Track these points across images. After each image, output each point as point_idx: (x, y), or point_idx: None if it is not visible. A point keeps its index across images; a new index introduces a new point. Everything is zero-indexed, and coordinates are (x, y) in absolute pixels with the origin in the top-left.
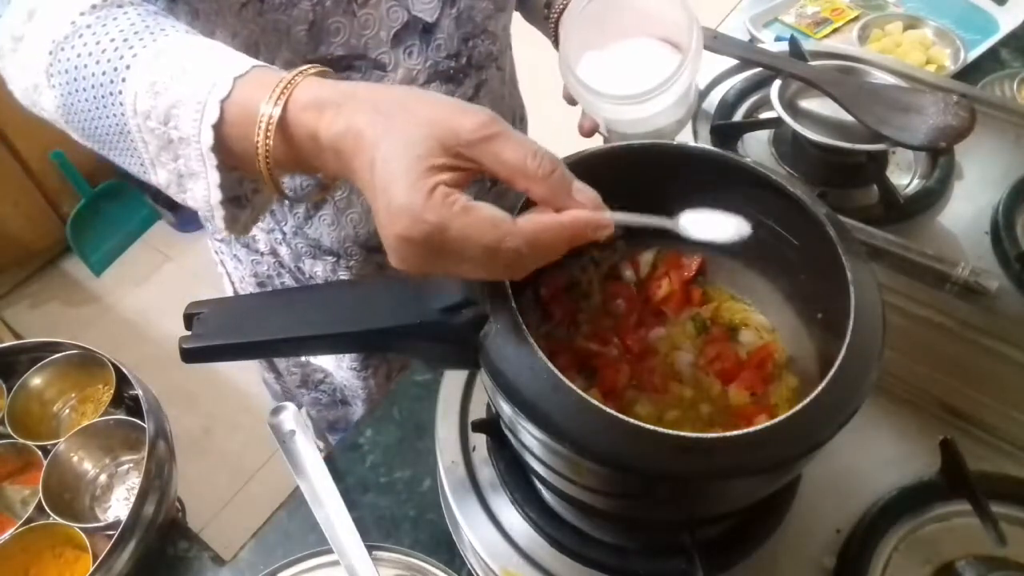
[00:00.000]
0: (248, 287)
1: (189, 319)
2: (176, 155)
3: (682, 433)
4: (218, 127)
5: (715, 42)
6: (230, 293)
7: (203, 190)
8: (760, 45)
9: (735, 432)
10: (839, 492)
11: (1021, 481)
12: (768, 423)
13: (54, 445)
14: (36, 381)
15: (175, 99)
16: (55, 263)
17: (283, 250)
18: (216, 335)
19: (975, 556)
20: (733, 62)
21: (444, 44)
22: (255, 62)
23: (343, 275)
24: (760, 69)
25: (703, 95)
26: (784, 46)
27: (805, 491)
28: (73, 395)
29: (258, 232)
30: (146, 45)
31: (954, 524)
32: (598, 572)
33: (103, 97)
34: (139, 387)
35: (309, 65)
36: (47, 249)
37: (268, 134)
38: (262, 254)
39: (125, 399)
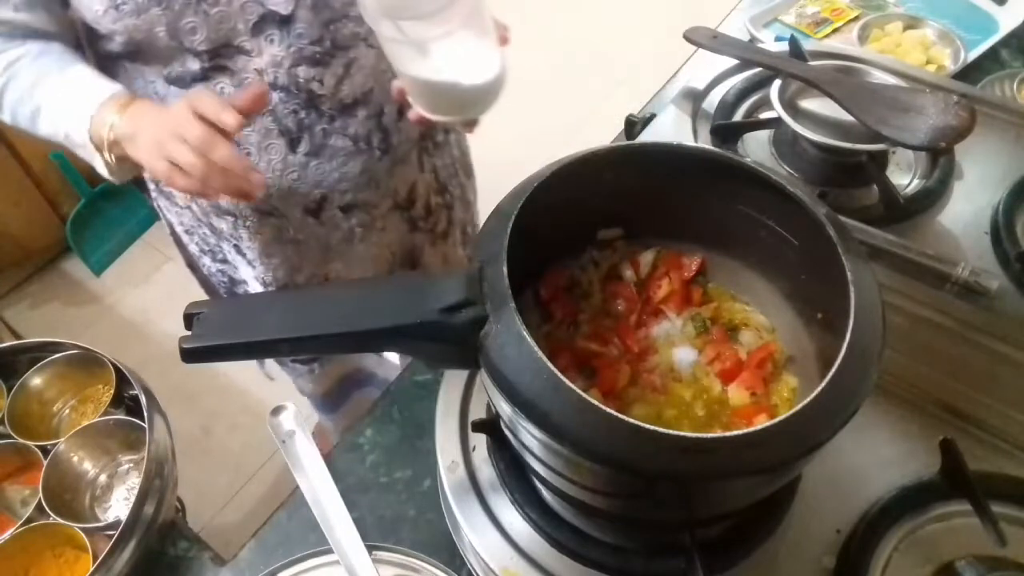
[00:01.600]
0: (181, 232)
1: (189, 319)
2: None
3: (682, 433)
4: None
5: (715, 42)
6: (171, 239)
7: (98, 163)
8: (760, 45)
9: (735, 432)
10: (839, 492)
11: (1021, 481)
12: (768, 423)
13: (54, 445)
14: (36, 381)
15: (66, 131)
16: (55, 263)
17: (194, 206)
18: (216, 335)
19: (975, 556)
20: (733, 62)
21: (305, 32)
22: (99, 100)
23: (243, 233)
24: (760, 69)
25: (703, 95)
26: (784, 46)
27: (805, 491)
28: (73, 395)
29: (176, 191)
30: (39, 99)
31: (954, 524)
32: (598, 572)
33: (30, 93)
34: (139, 387)
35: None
36: (47, 249)
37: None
38: (181, 207)
39: (125, 399)
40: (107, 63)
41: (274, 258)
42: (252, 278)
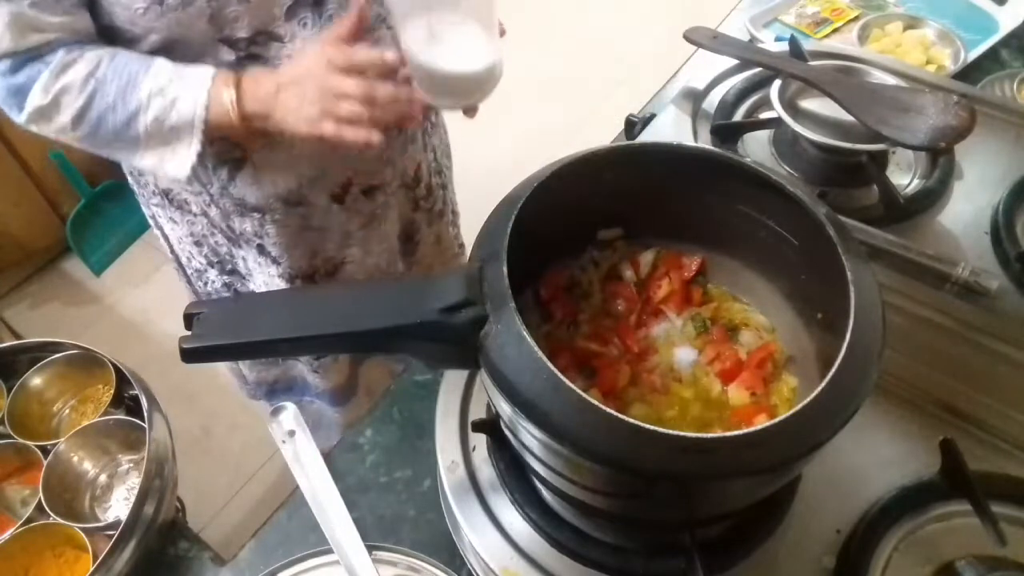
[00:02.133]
0: (187, 246)
1: (189, 319)
2: (168, 137)
3: (682, 433)
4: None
5: (715, 42)
6: (168, 255)
7: (185, 150)
8: (760, 45)
9: (735, 432)
10: (839, 492)
11: (1021, 481)
12: (768, 423)
13: (54, 445)
14: (36, 381)
15: (175, 95)
16: (55, 263)
17: (212, 211)
18: (216, 335)
19: (975, 556)
20: (733, 62)
21: (335, 13)
22: (205, 81)
23: (270, 229)
24: (760, 69)
25: (703, 95)
26: (784, 46)
27: (805, 491)
28: (73, 395)
29: (189, 196)
30: (138, 99)
31: (954, 524)
32: (598, 572)
33: (124, 96)
34: (139, 387)
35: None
36: (47, 249)
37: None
38: (195, 215)
39: (125, 399)
40: None
41: (297, 249)
42: (274, 276)
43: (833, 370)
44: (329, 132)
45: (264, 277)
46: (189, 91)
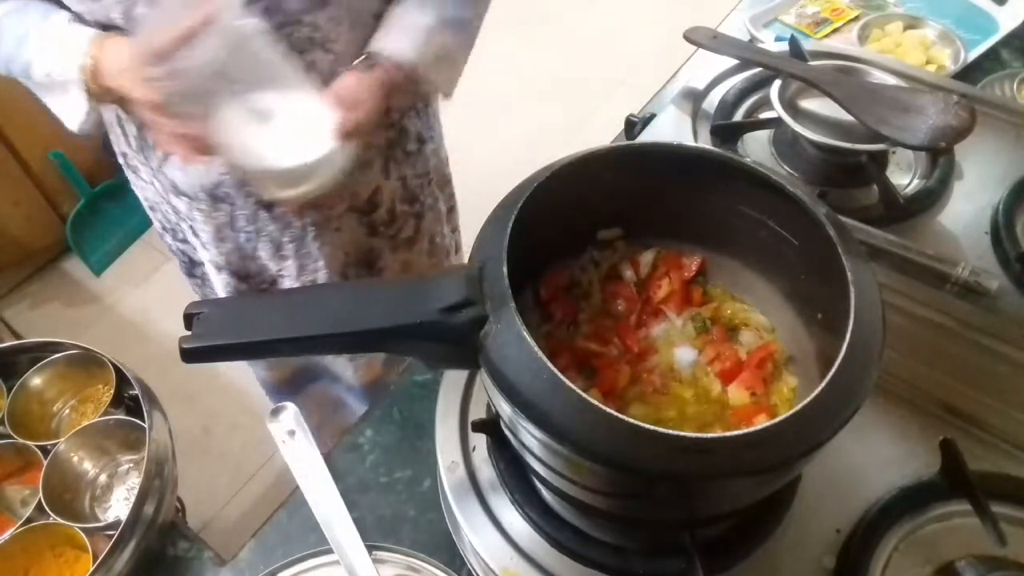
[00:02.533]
0: (147, 207)
1: (189, 319)
2: (60, 89)
3: (682, 433)
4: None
5: (715, 42)
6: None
7: (75, 103)
8: (760, 45)
9: (735, 432)
10: (839, 492)
11: (1021, 481)
12: (768, 423)
13: (54, 445)
14: (36, 381)
15: (56, 56)
16: (55, 263)
17: (156, 183)
18: (216, 335)
19: (975, 556)
20: (733, 62)
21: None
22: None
23: (197, 216)
24: (760, 69)
25: (703, 95)
26: (784, 46)
27: (805, 491)
28: (73, 395)
29: (139, 164)
30: (39, 21)
31: (954, 524)
32: (598, 572)
33: (19, 47)
34: (139, 387)
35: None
36: (47, 249)
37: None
38: (146, 182)
39: (125, 399)
40: None
41: (225, 243)
42: (207, 261)
43: (833, 370)
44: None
45: (203, 257)
46: (68, 53)
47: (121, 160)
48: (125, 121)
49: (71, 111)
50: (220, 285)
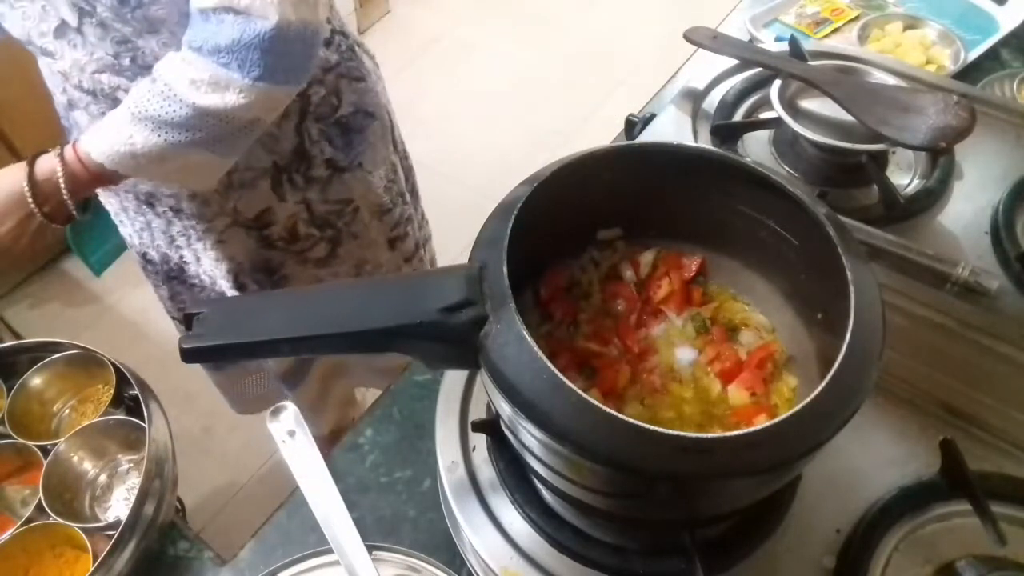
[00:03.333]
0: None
1: (189, 319)
2: None
3: (682, 433)
4: None
5: (715, 42)
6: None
7: None
8: (760, 45)
9: (735, 432)
10: (839, 492)
11: (1021, 481)
12: (768, 423)
13: (54, 445)
14: (36, 381)
15: None
16: (55, 263)
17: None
18: (216, 335)
19: (975, 556)
20: (733, 62)
21: (97, 45)
22: None
23: (121, 218)
24: (760, 69)
25: (703, 95)
26: (784, 46)
27: (805, 491)
28: (73, 395)
29: None
30: None
31: (954, 524)
32: (598, 572)
33: None
34: (139, 387)
35: None
36: (47, 249)
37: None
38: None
39: (125, 399)
40: None
41: (125, 226)
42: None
43: (833, 370)
44: None
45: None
46: None
47: None
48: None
49: None
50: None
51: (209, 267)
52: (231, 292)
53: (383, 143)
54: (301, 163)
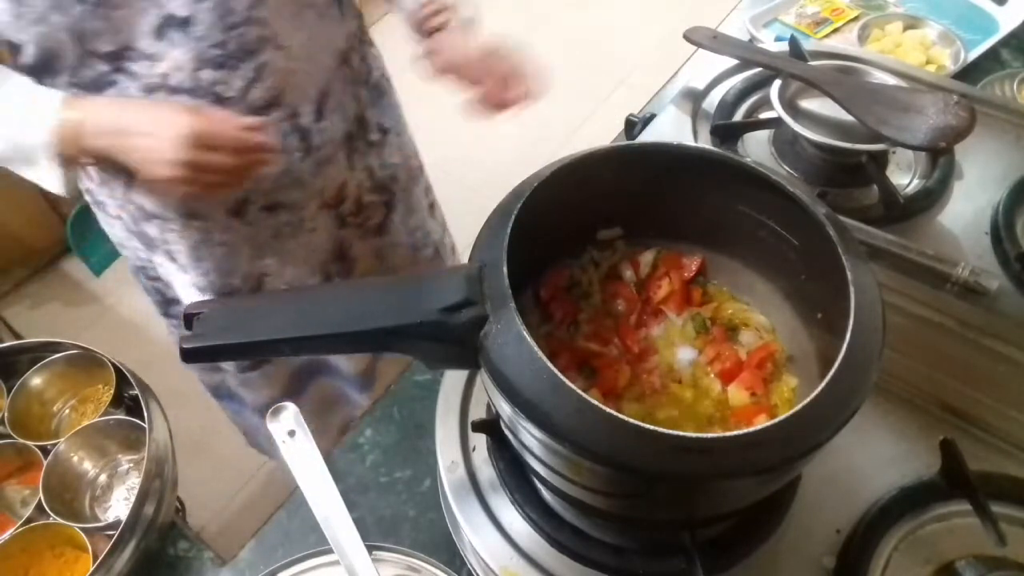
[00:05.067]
0: (118, 247)
1: (189, 319)
2: (28, 159)
3: (682, 433)
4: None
5: (715, 42)
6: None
7: (49, 171)
8: (760, 45)
9: (735, 432)
10: (839, 492)
11: (1021, 481)
12: (768, 423)
13: (54, 445)
14: (36, 381)
15: (23, 121)
16: (55, 263)
17: (124, 214)
18: (216, 335)
19: (975, 556)
20: (733, 62)
21: (205, 34)
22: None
23: (170, 237)
24: (760, 69)
25: (703, 95)
26: (784, 46)
27: (805, 491)
28: (73, 395)
29: (106, 199)
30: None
31: (954, 524)
32: (598, 572)
33: None
34: (139, 387)
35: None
36: (47, 249)
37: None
38: (114, 217)
39: (125, 399)
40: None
41: (204, 262)
42: (188, 285)
43: (833, 370)
44: (177, 192)
45: (181, 286)
46: (37, 117)
47: (88, 197)
48: None
49: (48, 179)
50: None
51: (292, 267)
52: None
53: (399, 107)
54: (362, 129)
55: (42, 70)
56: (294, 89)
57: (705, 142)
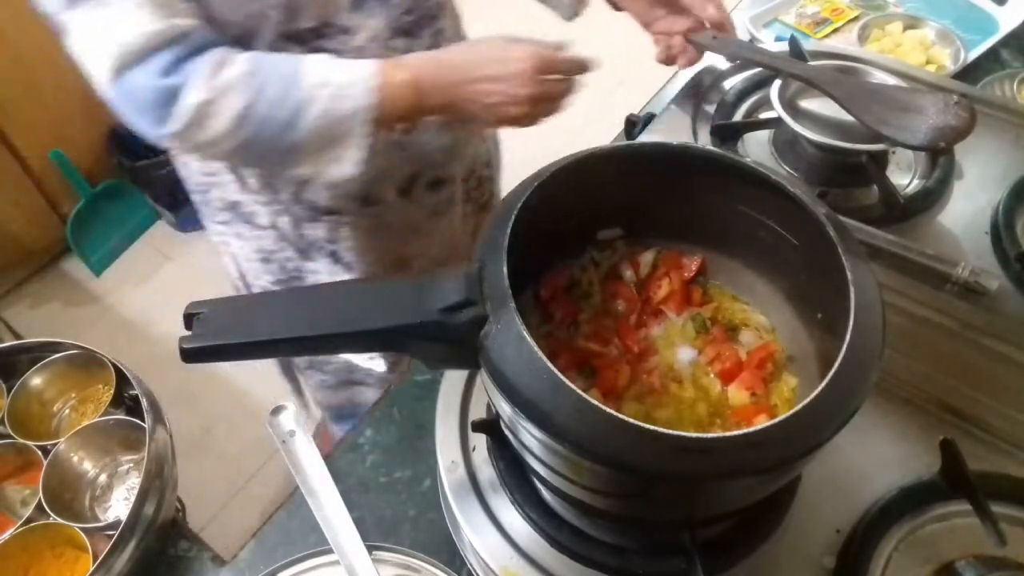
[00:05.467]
0: (253, 263)
1: (189, 319)
2: (333, 133)
3: (682, 433)
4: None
5: (715, 42)
6: (234, 274)
7: (351, 143)
8: (760, 45)
9: (735, 432)
10: (839, 492)
11: (1021, 481)
12: (768, 423)
13: (54, 445)
14: (36, 381)
15: (342, 83)
16: (55, 263)
17: (282, 220)
18: (216, 335)
19: (975, 556)
20: (733, 62)
21: (400, 1)
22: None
23: (344, 232)
24: (760, 69)
25: (703, 95)
26: (784, 46)
27: (805, 491)
28: (73, 395)
29: (257, 207)
30: (303, 93)
31: (954, 524)
32: (598, 572)
33: (288, 90)
34: (139, 387)
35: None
36: (47, 249)
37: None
38: (264, 228)
39: (125, 399)
40: None
41: (369, 253)
42: None
43: (833, 370)
44: (519, 126)
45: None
46: (357, 78)
47: (225, 215)
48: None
49: (342, 158)
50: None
51: (438, 250)
52: None
53: None
54: None
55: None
56: None
57: (705, 142)
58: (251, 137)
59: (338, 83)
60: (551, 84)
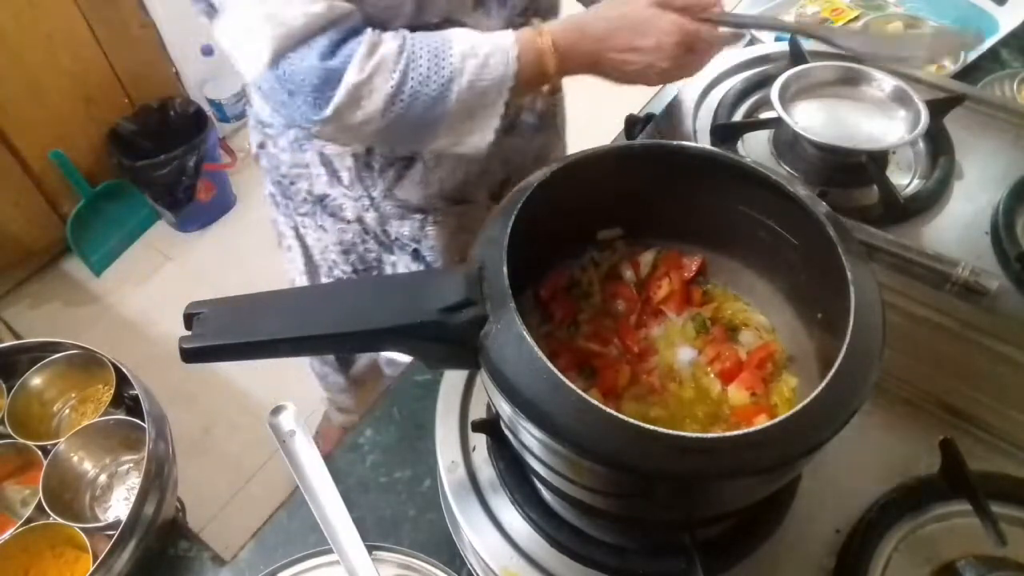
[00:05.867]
0: (332, 255)
1: (189, 319)
2: (476, 104)
3: (682, 433)
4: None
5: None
6: (300, 266)
7: (489, 114)
8: (760, 45)
9: (735, 432)
10: (839, 492)
11: (1021, 481)
12: (768, 423)
13: (54, 445)
14: (36, 381)
15: (487, 52)
16: (55, 263)
17: (369, 215)
18: (216, 335)
19: (975, 556)
20: (733, 62)
21: (517, 3)
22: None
23: (430, 231)
24: (760, 69)
25: (703, 95)
26: (784, 46)
27: (805, 491)
28: (73, 395)
29: (346, 201)
30: (452, 67)
31: (954, 524)
32: (598, 572)
33: (437, 64)
34: (139, 387)
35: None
36: (47, 249)
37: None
38: (348, 222)
39: (125, 399)
40: None
41: (449, 253)
42: None
43: (833, 370)
44: (667, 81)
45: None
46: (499, 47)
47: (308, 207)
48: (335, 156)
49: (479, 129)
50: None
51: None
52: None
53: None
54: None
55: None
56: None
57: (705, 142)
58: (402, 113)
59: (484, 51)
60: (691, 58)
